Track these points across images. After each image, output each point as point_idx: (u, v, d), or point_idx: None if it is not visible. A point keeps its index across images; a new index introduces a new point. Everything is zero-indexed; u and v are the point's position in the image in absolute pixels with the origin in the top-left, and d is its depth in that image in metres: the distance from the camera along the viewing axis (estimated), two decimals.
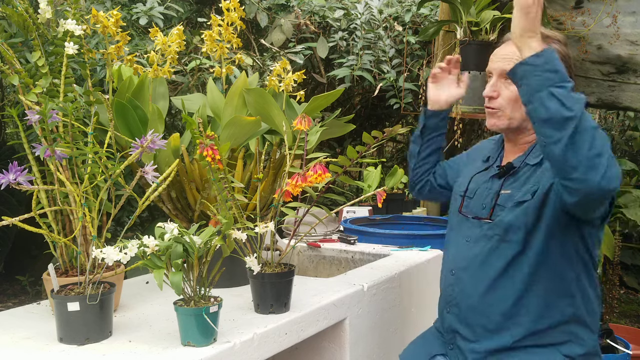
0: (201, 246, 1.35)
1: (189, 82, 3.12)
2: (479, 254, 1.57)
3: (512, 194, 1.54)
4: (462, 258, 1.62)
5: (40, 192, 1.57)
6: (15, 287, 4.21)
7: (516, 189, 1.55)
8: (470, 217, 1.63)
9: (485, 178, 1.66)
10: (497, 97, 1.56)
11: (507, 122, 1.57)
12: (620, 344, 2.40)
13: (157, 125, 1.81)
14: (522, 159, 1.59)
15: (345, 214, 3.02)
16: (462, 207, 1.67)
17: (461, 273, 1.61)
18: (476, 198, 1.64)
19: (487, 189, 1.62)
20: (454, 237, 1.69)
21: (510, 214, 1.52)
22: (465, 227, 1.64)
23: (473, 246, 1.59)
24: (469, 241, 1.61)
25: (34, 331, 1.45)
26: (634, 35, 3.14)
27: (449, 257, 1.70)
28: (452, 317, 1.62)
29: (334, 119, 1.98)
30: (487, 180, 1.64)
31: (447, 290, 1.65)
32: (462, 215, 1.66)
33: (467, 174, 1.75)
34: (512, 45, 1.50)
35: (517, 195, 1.53)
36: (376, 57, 3.74)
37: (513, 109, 1.55)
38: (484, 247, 1.56)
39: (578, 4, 3.16)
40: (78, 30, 1.56)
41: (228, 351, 1.35)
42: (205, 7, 3.76)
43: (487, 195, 1.61)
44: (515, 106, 1.54)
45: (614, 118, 6.19)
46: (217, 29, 1.90)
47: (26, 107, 1.50)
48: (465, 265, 1.60)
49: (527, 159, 1.57)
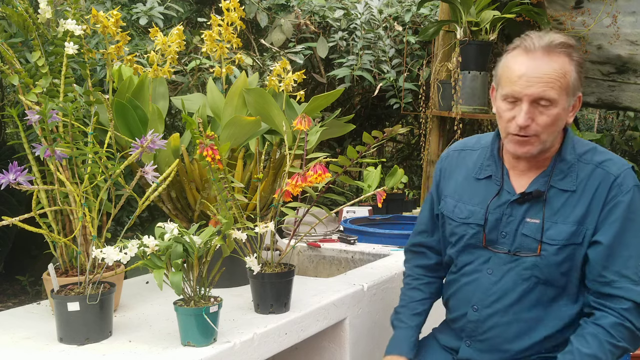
0: (201, 246, 1.35)
1: (189, 82, 3.12)
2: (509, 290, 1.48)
3: (541, 225, 1.44)
4: (485, 294, 1.51)
5: (40, 192, 1.57)
6: (15, 287, 4.20)
7: (549, 220, 1.44)
8: (504, 252, 1.49)
9: (498, 202, 1.51)
10: (531, 124, 1.39)
11: (541, 147, 1.43)
12: None
13: (157, 125, 1.81)
14: (544, 180, 1.46)
15: (345, 214, 3.02)
16: (485, 242, 1.51)
17: (488, 311, 1.50)
18: (490, 224, 1.50)
19: (505, 215, 1.49)
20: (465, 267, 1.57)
21: (553, 256, 1.43)
22: (485, 257, 1.52)
23: (499, 281, 1.50)
24: (492, 274, 1.51)
25: (34, 331, 1.45)
26: (634, 35, 3.15)
27: (466, 289, 1.56)
28: (473, 352, 1.55)
29: (334, 119, 1.98)
30: (503, 205, 1.49)
31: (469, 326, 1.55)
32: (487, 249, 1.51)
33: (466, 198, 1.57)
34: (542, 62, 1.36)
35: (552, 228, 1.44)
36: (376, 57, 3.74)
37: (548, 133, 1.41)
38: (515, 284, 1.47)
39: (578, 4, 3.16)
40: (78, 30, 1.56)
41: (228, 351, 1.35)
42: (205, 7, 3.76)
43: (508, 223, 1.48)
44: (550, 130, 1.40)
45: (614, 118, 6.19)
46: (217, 29, 1.90)
47: (26, 107, 1.50)
48: (493, 301, 1.50)
49: (553, 182, 1.45)
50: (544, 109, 1.38)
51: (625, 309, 1.39)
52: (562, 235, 1.43)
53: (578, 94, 1.44)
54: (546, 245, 1.44)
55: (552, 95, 1.36)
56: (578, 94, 1.44)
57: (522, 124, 1.38)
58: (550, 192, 1.46)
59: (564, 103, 1.39)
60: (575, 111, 1.46)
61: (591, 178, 1.44)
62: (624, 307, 1.40)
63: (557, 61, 1.37)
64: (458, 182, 1.61)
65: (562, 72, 1.36)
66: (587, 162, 1.46)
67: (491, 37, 3.14)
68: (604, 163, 1.45)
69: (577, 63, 1.40)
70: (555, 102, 1.37)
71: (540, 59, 1.37)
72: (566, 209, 1.44)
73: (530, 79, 1.36)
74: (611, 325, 1.40)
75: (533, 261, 1.46)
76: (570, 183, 1.45)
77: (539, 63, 1.36)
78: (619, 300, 1.40)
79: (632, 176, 1.44)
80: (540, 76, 1.36)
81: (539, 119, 1.38)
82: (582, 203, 1.44)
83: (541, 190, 1.46)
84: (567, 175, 1.46)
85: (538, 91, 1.36)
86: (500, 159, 1.54)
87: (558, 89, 1.36)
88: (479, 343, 1.54)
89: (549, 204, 1.45)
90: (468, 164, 1.60)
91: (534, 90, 1.36)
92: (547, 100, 1.36)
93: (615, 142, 5.40)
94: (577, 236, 1.43)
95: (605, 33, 3.17)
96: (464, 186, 1.59)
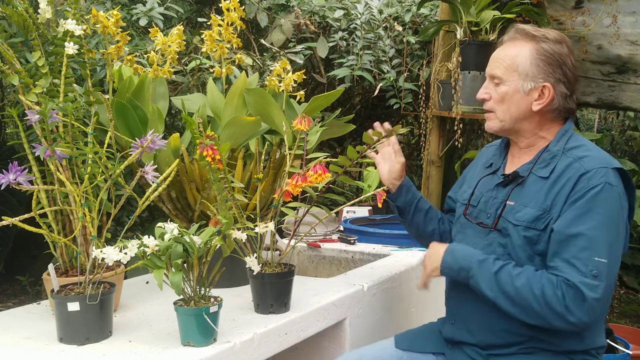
0: (201, 246, 1.35)
1: (189, 82, 3.12)
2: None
3: (515, 207, 1.51)
4: None
5: (40, 192, 1.57)
6: (15, 287, 4.20)
7: (521, 203, 1.51)
8: (475, 222, 1.60)
9: (490, 186, 1.62)
10: (489, 99, 1.57)
11: (500, 124, 1.57)
12: (620, 344, 2.40)
13: (157, 125, 1.81)
14: (528, 167, 1.55)
15: (345, 214, 3.02)
16: (466, 212, 1.64)
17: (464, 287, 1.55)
18: (480, 206, 1.61)
19: (492, 197, 1.59)
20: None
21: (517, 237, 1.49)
22: (470, 235, 1.61)
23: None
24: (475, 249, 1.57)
25: (34, 331, 1.45)
26: (634, 35, 3.14)
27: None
28: (455, 330, 1.60)
29: (334, 119, 1.98)
30: (492, 189, 1.60)
31: (451, 303, 1.64)
32: (466, 219, 1.63)
33: (470, 181, 1.72)
34: (502, 47, 1.56)
35: (522, 211, 1.50)
36: (376, 57, 3.74)
37: (501, 110, 1.55)
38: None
39: (578, 4, 3.16)
40: (78, 30, 1.56)
41: (228, 351, 1.35)
42: (205, 7, 3.76)
43: (492, 204, 1.58)
44: (502, 107, 1.54)
45: (614, 118, 6.19)
46: (217, 29, 1.90)
47: (26, 107, 1.50)
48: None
49: (535, 169, 1.53)
50: (496, 87, 1.56)
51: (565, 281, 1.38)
52: (526, 217, 1.48)
53: (541, 82, 1.50)
54: (511, 226, 1.50)
55: (497, 73, 1.54)
56: (541, 82, 1.50)
57: (478, 96, 1.60)
58: (529, 178, 1.53)
59: (514, 83, 1.52)
60: (545, 101, 1.51)
61: (567, 170, 1.48)
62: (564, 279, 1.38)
63: (515, 46, 1.54)
64: (475, 171, 1.75)
65: (513, 54, 1.53)
66: (570, 155, 1.50)
67: (491, 37, 3.14)
68: (583, 158, 1.47)
69: (540, 51, 1.50)
70: (501, 80, 1.53)
71: (504, 45, 1.57)
72: (539, 195, 1.49)
73: (490, 60, 1.59)
74: (548, 279, 1.40)
75: (504, 241, 1.51)
76: (548, 170, 1.51)
77: (500, 48, 1.58)
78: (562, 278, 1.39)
79: (605, 174, 1.43)
80: (494, 57, 1.57)
81: (493, 94, 1.56)
82: (552, 192, 1.48)
83: (521, 174, 1.54)
84: (548, 164, 1.52)
85: (489, 69, 1.57)
86: (506, 150, 1.67)
87: (503, 69, 1.53)
88: (461, 322, 1.58)
89: (525, 188, 1.52)
90: (487, 155, 1.74)
91: (488, 68, 1.58)
92: (497, 78, 1.54)
93: (615, 142, 5.40)
94: (540, 222, 1.46)
95: (605, 33, 3.17)
96: (475, 174, 1.73)
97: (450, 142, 3.41)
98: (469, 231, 1.62)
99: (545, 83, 1.50)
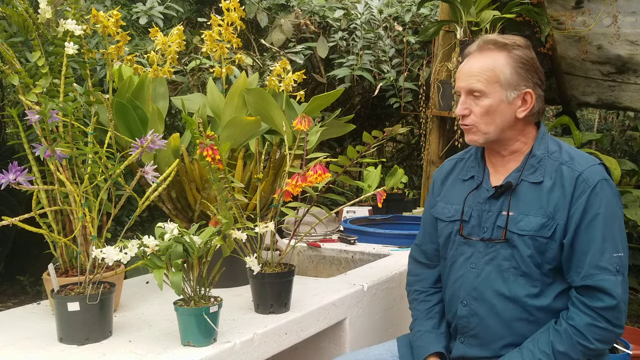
0: (201, 246, 1.35)
1: (189, 82, 3.12)
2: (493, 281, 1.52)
3: (516, 217, 1.50)
4: (471, 287, 1.55)
5: (40, 192, 1.57)
6: (15, 287, 4.20)
7: (521, 212, 1.50)
8: (477, 239, 1.55)
9: (479, 199, 1.58)
10: (469, 114, 1.54)
11: (484, 137, 1.54)
12: (620, 344, 2.40)
13: (157, 125, 1.81)
14: (517, 175, 1.54)
15: (345, 214, 3.02)
16: (462, 230, 1.59)
17: (475, 304, 1.54)
18: (473, 221, 1.57)
19: (485, 211, 1.56)
20: (453, 265, 1.61)
21: (525, 247, 1.48)
22: (468, 253, 1.57)
23: (481, 273, 1.54)
24: (475, 268, 1.55)
25: (34, 331, 1.45)
26: (634, 35, 3.15)
27: (454, 286, 1.60)
28: (466, 347, 1.57)
29: (334, 119, 1.98)
30: (483, 202, 1.57)
31: (460, 322, 1.58)
32: (463, 237, 1.58)
33: (451, 197, 1.65)
34: (474, 60, 1.54)
35: (523, 220, 1.49)
36: (376, 57, 3.74)
37: (486, 123, 1.52)
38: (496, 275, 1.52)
39: (578, 4, 3.16)
40: (78, 30, 1.56)
41: (228, 351, 1.35)
42: (205, 7, 3.76)
43: (488, 218, 1.55)
44: (487, 120, 1.52)
45: (614, 118, 6.20)
46: (217, 29, 1.90)
47: (26, 107, 1.50)
48: (478, 295, 1.54)
49: (524, 175, 1.52)
50: (477, 100, 1.52)
51: (601, 307, 1.41)
52: (531, 226, 1.48)
53: (523, 89, 1.51)
54: (516, 236, 1.49)
55: (478, 86, 1.51)
56: (523, 89, 1.51)
57: (457, 113, 1.57)
58: (521, 186, 1.53)
59: (497, 95, 1.50)
60: (528, 107, 1.52)
61: (559, 174, 1.49)
62: (600, 306, 1.41)
63: (488, 57, 1.52)
64: (447, 186, 1.70)
65: (490, 66, 1.50)
66: (554, 158, 1.52)
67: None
68: (570, 161, 1.51)
69: (517, 59, 1.50)
70: (484, 93, 1.51)
71: (473, 57, 1.54)
72: (537, 201, 1.50)
73: (462, 74, 1.55)
74: (585, 326, 1.42)
75: (510, 253, 1.50)
76: (539, 175, 1.52)
77: (471, 61, 1.54)
78: (597, 296, 1.42)
79: (597, 171, 1.47)
80: (469, 71, 1.53)
81: (474, 109, 1.53)
82: (552, 198, 1.48)
83: (512, 182, 1.53)
84: (537, 169, 1.53)
85: (466, 84, 1.53)
86: (483, 160, 1.64)
87: (484, 81, 1.50)
88: (471, 339, 1.57)
89: (520, 196, 1.52)
90: (458, 170, 1.71)
91: (464, 83, 1.54)
92: (477, 92, 1.51)
93: (615, 142, 5.40)
94: (546, 229, 1.47)
95: (606, 33, 3.17)
96: (452, 188, 1.68)
97: (450, 142, 3.41)
98: (466, 249, 1.58)
99: (527, 89, 1.51)
